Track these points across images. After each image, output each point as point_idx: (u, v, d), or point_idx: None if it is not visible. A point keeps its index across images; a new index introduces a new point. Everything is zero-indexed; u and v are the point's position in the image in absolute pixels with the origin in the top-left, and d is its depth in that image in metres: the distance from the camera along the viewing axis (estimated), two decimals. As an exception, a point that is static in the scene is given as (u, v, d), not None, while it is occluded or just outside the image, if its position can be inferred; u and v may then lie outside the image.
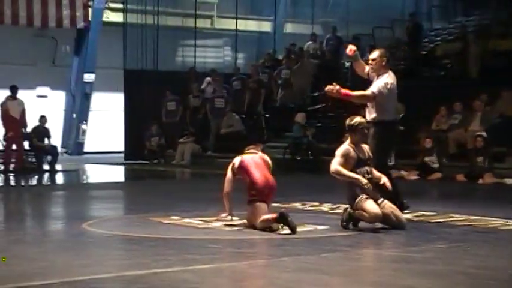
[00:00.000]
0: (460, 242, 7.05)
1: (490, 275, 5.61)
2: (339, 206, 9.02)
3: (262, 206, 7.57)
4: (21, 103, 16.87)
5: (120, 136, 22.23)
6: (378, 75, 8.31)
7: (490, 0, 21.09)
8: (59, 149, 19.93)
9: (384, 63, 8.35)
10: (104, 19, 24.20)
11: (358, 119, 7.81)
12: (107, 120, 24.49)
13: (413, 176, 14.97)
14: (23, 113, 16.80)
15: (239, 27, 24.37)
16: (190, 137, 19.82)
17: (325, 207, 9.52)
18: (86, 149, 24.62)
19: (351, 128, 7.72)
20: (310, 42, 22.35)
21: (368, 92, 8.20)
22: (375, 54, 8.43)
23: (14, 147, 16.79)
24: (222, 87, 20.89)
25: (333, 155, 7.78)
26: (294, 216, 7.46)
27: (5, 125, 16.75)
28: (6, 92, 17.04)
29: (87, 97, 24.63)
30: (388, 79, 8.27)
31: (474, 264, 5.97)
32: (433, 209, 9.37)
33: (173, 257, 6.06)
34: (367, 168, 7.66)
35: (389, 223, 7.62)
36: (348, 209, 7.67)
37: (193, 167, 18.78)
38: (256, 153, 7.91)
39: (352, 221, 7.60)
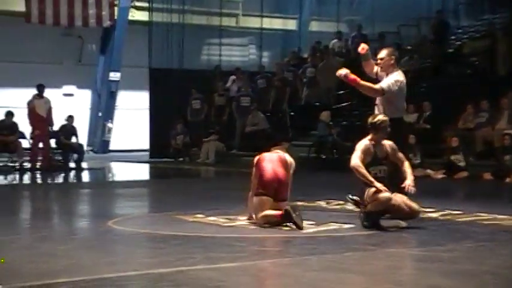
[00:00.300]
0: (486, 242, 6.99)
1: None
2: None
3: (266, 200, 7.53)
4: (48, 101, 17.02)
5: (146, 134, 22.33)
6: (387, 74, 8.25)
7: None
8: (85, 147, 20.05)
9: (392, 62, 8.27)
10: (130, 18, 24.30)
11: (380, 117, 7.75)
12: (133, 118, 24.59)
13: (439, 175, 14.87)
14: (49, 111, 16.95)
15: (264, 26, 24.39)
16: (215, 136, 19.85)
17: (351, 205, 9.46)
18: (112, 147, 24.74)
19: (373, 126, 7.67)
20: (335, 40, 22.25)
21: (377, 86, 8.14)
22: (383, 53, 8.36)
23: (40, 145, 16.93)
24: (247, 85, 20.89)
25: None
26: (319, 214, 7.40)
27: (31, 123, 16.88)
28: (33, 91, 17.18)
29: (112, 95, 24.76)
30: (397, 77, 8.20)
31: (501, 263, 5.91)
32: (459, 208, 9.29)
33: (198, 255, 6.07)
34: (381, 167, 7.60)
35: (401, 213, 7.55)
36: (362, 208, 7.62)
37: (218, 165, 18.80)
38: (278, 152, 7.89)
39: (370, 218, 7.52)
